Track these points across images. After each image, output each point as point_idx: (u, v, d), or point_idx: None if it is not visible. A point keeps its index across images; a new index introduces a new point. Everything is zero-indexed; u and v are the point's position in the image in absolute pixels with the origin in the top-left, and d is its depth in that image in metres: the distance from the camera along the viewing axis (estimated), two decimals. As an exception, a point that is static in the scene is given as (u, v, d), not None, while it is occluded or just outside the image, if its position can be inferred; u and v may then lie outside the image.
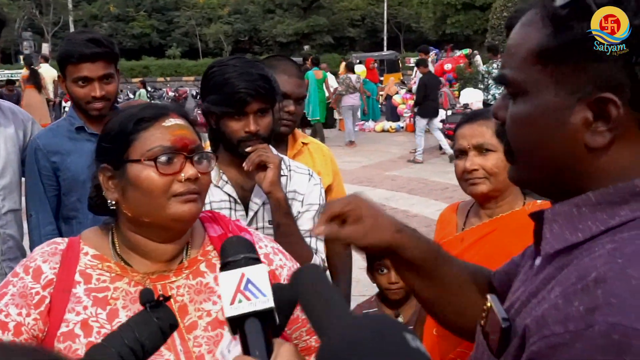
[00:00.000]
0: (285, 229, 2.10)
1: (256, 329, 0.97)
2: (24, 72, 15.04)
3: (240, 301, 0.97)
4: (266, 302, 0.97)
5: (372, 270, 2.68)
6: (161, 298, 1.06)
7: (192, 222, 1.42)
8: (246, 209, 2.21)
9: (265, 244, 1.57)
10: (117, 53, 2.76)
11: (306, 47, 38.82)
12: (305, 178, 2.30)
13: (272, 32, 46.42)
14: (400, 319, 2.64)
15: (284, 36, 45.79)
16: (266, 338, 0.96)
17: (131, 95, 20.30)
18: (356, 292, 3.40)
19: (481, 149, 2.00)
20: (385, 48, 40.91)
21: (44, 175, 2.68)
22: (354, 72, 15.39)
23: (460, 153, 2.09)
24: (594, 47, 0.84)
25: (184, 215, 1.35)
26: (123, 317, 1.33)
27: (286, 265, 1.55)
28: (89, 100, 2.66)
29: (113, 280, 1.38)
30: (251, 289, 0.98)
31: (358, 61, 21.56)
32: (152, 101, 19.11)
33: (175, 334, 1.35)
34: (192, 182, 1.35)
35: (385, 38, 43.25)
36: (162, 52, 46.09)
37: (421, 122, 12.19)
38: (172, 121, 1.39)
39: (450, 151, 11.20)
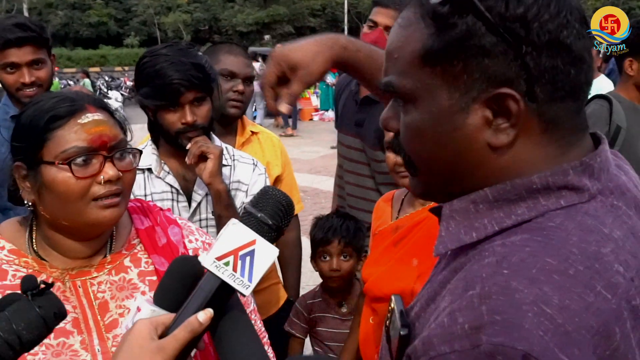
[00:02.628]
0: (226, 221, 2.05)
1: (209, 289, 0.93)
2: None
3: (226, 264, 0.92)
4: (245, 288, 0.92)
5: (315, 258, 2.66)
6: (42, 285, 0.99)
7: (113, 225, 1.37)
8: (189, 200, 2.17)
9: (196, 238, 1.51)
10: (47, 38, 2.64)
11: (266, 37, 38.61)
12: (250, 168, 2.27)
13: (232, 21, 45.99)
14: (344, 309, 2.64)
15: (244, 26, 45.41)
16: (209, 305, 0.93)
17: (71, 83, 19.83)
18: (304, 283, 3.38)
19: None
20: (346, 38, 40.85)
21: None
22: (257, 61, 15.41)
23: (390, 145, 2.07)
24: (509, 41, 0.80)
25: (104, 222, 1.30)
26: None
27: None
28: (18, 87, 2.56)
29: None
30: (247, 263, 0.92)
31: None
32: (103, 91, 18.69)
33: (94, 333, 1.29)
34: (113, 183, 1.28)
35: (346, 28, 43.22)
36: (120, 41, 45.34)
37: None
38: (89, 117, 1.29)
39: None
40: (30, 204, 1.32)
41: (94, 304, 1.32)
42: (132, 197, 2.07)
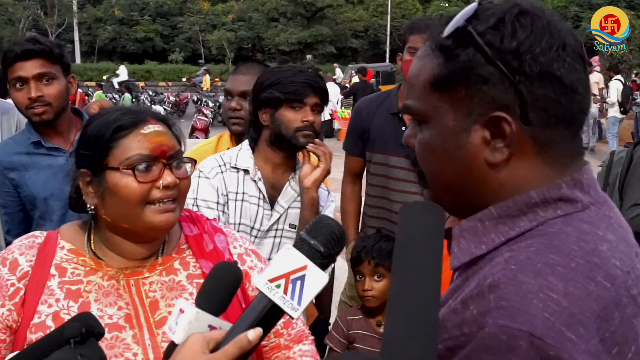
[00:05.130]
0: None
1: (260, 309, 0.96)
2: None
3: (278, 286, 0.94)
4: (294, 311, 0.95)
5: (354, 278, 2.70)
6: (84, 331, 1.01)
7: (169, 230, 1.46)
8: (271, 208, 2.29)
9: (240, 244, 1.60)
10: (60, 54, 2.49)
11: (308, 57, 38.91)
12: (325, 193, 2.43)
13: (275, 40, 46.48)
14: (382, 329, 2.65)
15: (286, 45, 45.85)
16: (259, 324, 0.96)
17: (116, 97, 20.03)
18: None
19: None
20: (387, 60, 40.99)
21: (3, 192, 2.50)
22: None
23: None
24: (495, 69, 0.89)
25: (160, 225, 1.39)
26: (94, 309, 1.36)
27: (257, 267, 1.58)
28: (27, 105, 2.42)
29: (87, 274, 1.41)
30: (297, 287, 0.95)
31: (353, 72, 21.68)
32: (145, 105, 19.04)
33: (144, 328, 1.37)
34: (170, 189, 1.38)
35: (387, 50, 43.35)
36: (165, 56, 46.12)
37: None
38: (151, 128, 1.40)
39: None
40: (92, 207, 1.42)
41: (145, 302, 1.41)
42: (225, 193, 2.18)
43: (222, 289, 1.11)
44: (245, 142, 2.38)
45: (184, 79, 32.26)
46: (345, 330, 2.70)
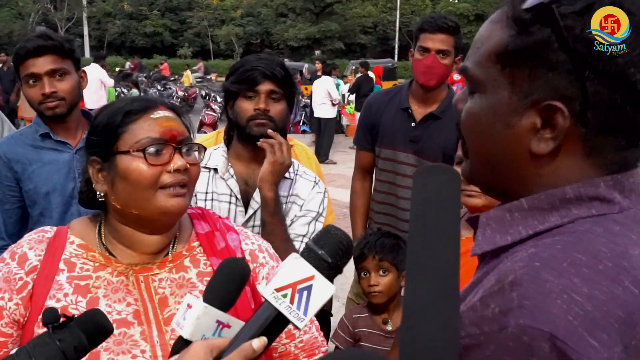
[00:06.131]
0: (269, 227, 2.13)
1: (265, 318, 0.96)
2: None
3: (284, 296, 0.94)
4: (300, 321, 0.94)
5: (358, 276, 2.69)
6: (64, 318, 1.00)
7: (179, 215, 1.44)
8: (246, 205, 2.24)
9: (252, 241, 1.59)
10: (71, 49, 2.52)
11: (317, 52, 38.84)
12: (310, 185, 2.32)
13: (283, 35, 46.47)
14: (389, 327, 2.65)
15: (295, 40, 45.83)
16: (263, 333, 0.95)
17: (125, 91, 20.09)
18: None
19: None
20: (396, 56, 40.88)
21: (4, 185, 2.49)
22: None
23: (460, 161, 2.10)
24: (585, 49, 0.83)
25: (171, 209, 1.37)
26: (103, 305, 1.35)
27: (267, 264, 1.57)
28: (40, 100, 2.44)
29: (96, 269, 1.40)
30: (303, 297, 0.94)
31: (354, 67, 21.63)
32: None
33: (153, 325, 1.37)
34: (181, 173, 1.37)
35: (396, 47, 43.24)
36: (174, 51, 46.17)
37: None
38: (161, 113, 1.40)
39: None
40: (102, 195, 1.41)
41: (154, 299, 1.40)
42: (193, 194, 2.18)
43: (229, 284, 1.10)
44: (223, 142, 2.36)
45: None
46: (351, 328, 2.69)
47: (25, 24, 37.26)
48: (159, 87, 22.84)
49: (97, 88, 13.65)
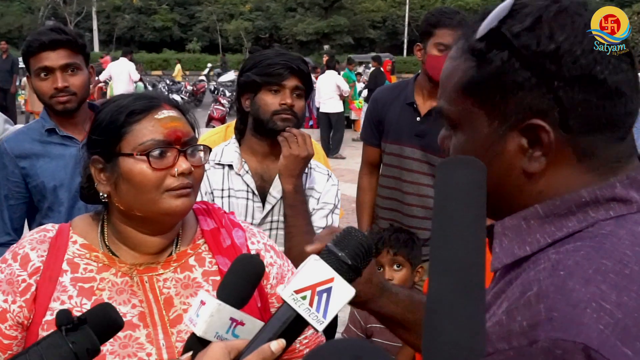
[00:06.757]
0: (290, 220, 2.13)
1: (284, 320, 0.95)
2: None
3: (304, 298, 0.93)
4: (319, 323, 0.94)
5: None
6: (77, 320, 0.98)
7: (184, 215, 1.41)
8: (263, 200, 2.23)
9: (258, 240, 1.55)
10: (83, 44, 2.53)
11: (326, 47, 38.81)
12: (324, 178, 2.33)
13: (292, 30, 46.45)
14: None
15: (304, 35, 45.79)
16: (282, 335, 0.95)
17: (149, 87, 20.18)
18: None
19: None
20: (405, 51, 40.83)
21: (10, 181, 2.48)
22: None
23: None
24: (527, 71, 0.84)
25: (176, 210, 1.34)
26: None
27: (276, 263, 1.54)
28: (52, 94, 2.43)
29: (100, 270, 1.37)
30: (323, 299, 0.94)
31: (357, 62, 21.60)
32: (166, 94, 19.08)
33: (159, 327, 1.34)
34: (185, 176, 1.33)
35: (405, 41, 43.12)
36: (183, 46, 46.27)
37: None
38: (165, 113, 1.36)
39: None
40: (105, 195, 1.38)
41: (159, 299, 1.37)
42: (210, 191, 2.15)
43: (244, 281, 1.09)
44: (233, 137, 2.33)
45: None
46: (363, 323, 2.68)
47: (35, 19, 37.45)
48: (168, 82, 22.87)
49: (128, 81, 13.68)
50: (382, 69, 15.41)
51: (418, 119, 3.08)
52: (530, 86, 0.84)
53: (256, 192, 2.21)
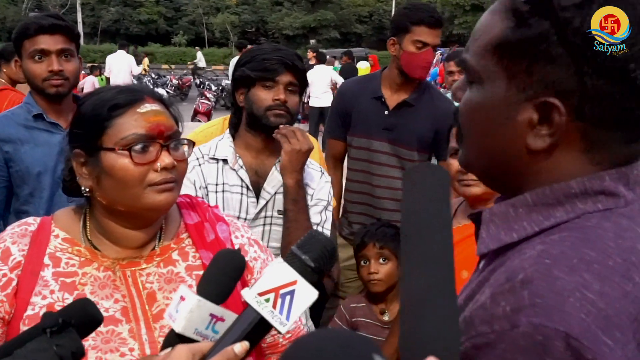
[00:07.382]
0: (291, 215, 2.13)
1: (248, 322, 0.96)
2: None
3: (267, 300, 0.94)
4: (283, 325, 0.95)
5: (358, 266, 2.67)
6: (62, 323, 0.97)
7: (167, 210, 1.40)
8: (257, 195, 2.22)
9: (242, 234, 1.55)
10: (78, 34, 2.62)
11: (312, 41, 38.74)
12: (318, 174, 2.33)
13: (279, 24, 46.30)
14: (386, 317, 2.64)
15: (290, 29, 45.67)
16: (246, 337, 0.95)
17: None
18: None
19: None
20: (391, 46, 40.83)
21: None
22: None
23: (455, 152, 2.07)
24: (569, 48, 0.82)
25: (160, 205, 1.33)
26: None
27: (260, 258, 1.53)
28: (45, 77, 2.46)
29: (82, 265, 1.36)
30: (286, 302, 0.95)
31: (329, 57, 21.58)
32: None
33: (141, 322, 1.33)
34: (168, 171, 1.32)
35: (392, 36, 43.15)
36: (168, 39, 45.98)
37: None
38: (148, 107, 1.34)
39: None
40: (87, 190, 1.36)
41: (142, 294, 1.36)
42: (204, 186, 2.14)
43: (224, 277, 1.09)
44: (227, 131, 2.33)
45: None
46: (348, 317, 2.69)
47: (18, 10, 37.04)
48: (154, 75, 22.73)
49: (129, 74, 13.53)
50: (354, 64, 15.38)
51: (386, 112, 3.09)
52: (561, 63, 0.82)
53: (250, 187, 2.21)
